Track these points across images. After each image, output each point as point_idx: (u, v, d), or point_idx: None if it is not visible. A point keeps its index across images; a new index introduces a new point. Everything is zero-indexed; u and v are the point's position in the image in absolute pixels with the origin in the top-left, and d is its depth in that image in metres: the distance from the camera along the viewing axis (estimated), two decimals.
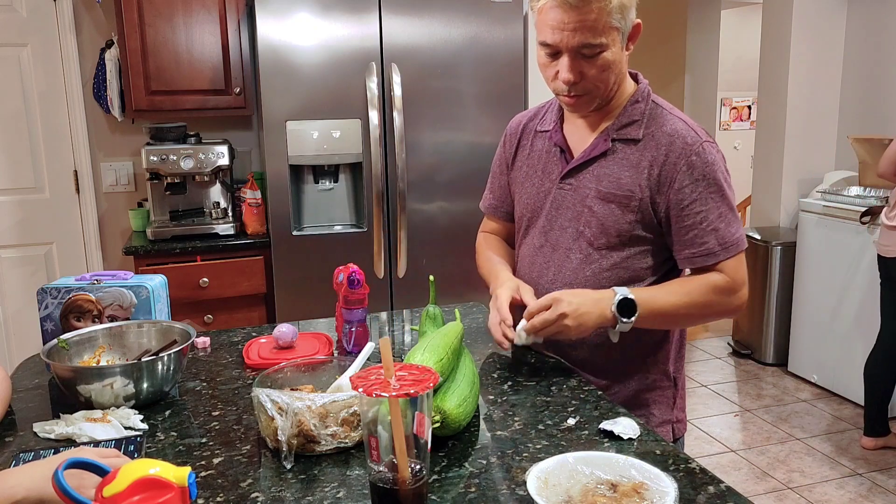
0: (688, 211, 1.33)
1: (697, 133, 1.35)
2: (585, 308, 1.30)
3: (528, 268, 1.50)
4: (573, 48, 1.28)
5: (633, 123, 1.38)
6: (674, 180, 1.32)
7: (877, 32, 4.04)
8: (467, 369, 1.22)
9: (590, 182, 1.39)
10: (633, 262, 1.39)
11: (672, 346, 1.47)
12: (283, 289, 2.98)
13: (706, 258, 1.34)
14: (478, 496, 0.98)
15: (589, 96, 1.34)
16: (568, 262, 1.42)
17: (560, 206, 1.43)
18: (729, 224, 1.33)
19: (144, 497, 0.78)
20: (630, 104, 1.39)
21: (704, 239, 1.33)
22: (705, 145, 1.33)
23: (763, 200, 4.52)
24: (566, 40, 1.27)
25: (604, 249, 1.39)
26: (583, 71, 1.30)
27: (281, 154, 2.89)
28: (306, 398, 1.07)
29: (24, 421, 1.25)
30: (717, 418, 3.65)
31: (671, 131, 1.34)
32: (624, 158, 1.37)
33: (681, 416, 1.51)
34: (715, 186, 1.32)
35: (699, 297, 1.34)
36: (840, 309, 3.75)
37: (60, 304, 1.47)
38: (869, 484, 2.99)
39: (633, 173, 1.35)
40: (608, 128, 1.39)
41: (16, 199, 3.33)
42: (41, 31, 3.24)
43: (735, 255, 1.34)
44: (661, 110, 1.39)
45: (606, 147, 1.38)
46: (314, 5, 2.83)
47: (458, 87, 3.01)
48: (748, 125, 7.10)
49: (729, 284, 1.34)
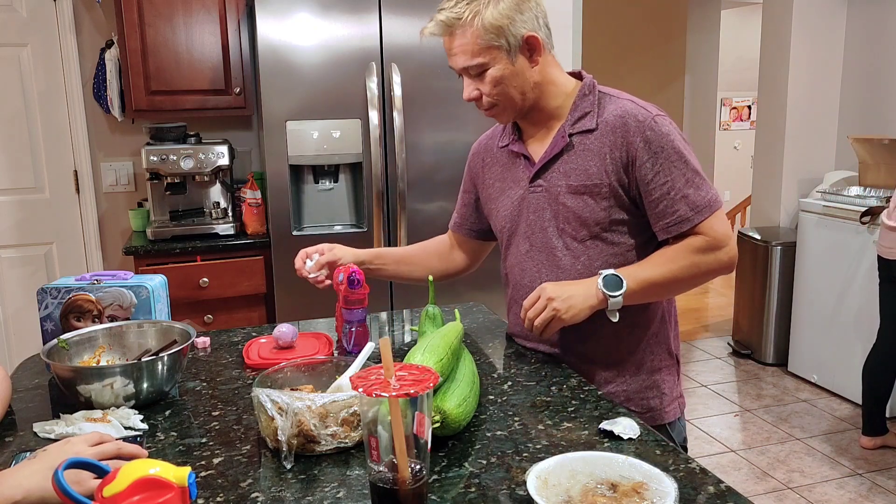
0: (653, 184, 1.37)
1: (647, 109, 1.39)
2: (571, 290, 1.35)
3: (520, 275, 1.54)
4: (461, 69, 1.42)
5: (585, 116, 1.43)
6: (635, 158, 1.37)
7: (877, 32, 4.04)
8: (467, 369, 1.22)
9: (559, 179, 1.44)
10: (621, 246, 1.43)
11: (671, 326, 1.53)
12: (283, 289, 2.98)
13: (681, 225, 1.37)
14: (478, 496, 0.98)
15: (497, 108, 1.44)
16: (557, 261, 1.46)
17: (536, 208, 1.48)
18: (697, 188, 1.37)
19: (144, 497, 0.78)
20: (579, 99, 1.45)
21: (675, 207, 1.36)
22: (657, 118, 1.38)
23: (763, 200, 4.53)
24: (453, 63, 1.42)
25: (588, 240, 1.43)
26: (479, 88, 1.42)
27: (281, 154, 2.89)
28: (306, 398, 1.07)
29: (24, 421, 1.26)
30: (717, 418, 3.65)
31: (622, 113, 1.39)
32: (585, 150, 1.42)
33: (681, 391, 1.57)
34: (676, 155, 1.36)
35: (683, 261, 1.38)
36: (840, 309, 3.75)
37: (60, 304, 1.47)
38: (869, 484, 2.99)
39: (597, 161, 1.40)
40: (563, 125, 1.45)
41: (16, 199, 3.33)
42: (41, 31, 3.25)
43: (709, 216, 1.37)
44: (609, 97, 1.44)
45: (565, 143, 1.44)
46: (314, 5, 2.83)
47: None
48: (748, 125, 7.10)
49: (709, 243, 1.37)
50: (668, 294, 1.48)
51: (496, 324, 1.76)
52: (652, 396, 1.49)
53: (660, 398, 1.50)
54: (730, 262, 1.40)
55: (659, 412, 1.50)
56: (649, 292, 1.39)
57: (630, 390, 1.48)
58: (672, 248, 1.40)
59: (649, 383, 1.50)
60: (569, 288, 1.36)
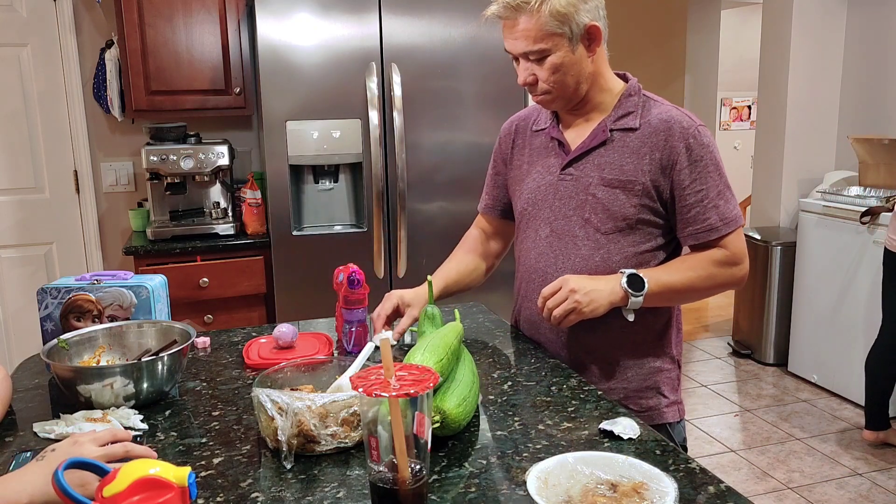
0: (689, 190, 1.40)
1: (692, 118, 1.43)
2: (594, 285, 1.37)
3: (535, 259, 1.55)
4: (520, 54, 1.41)
5: (628, 114, 1.46)
6: (675, 162, 1.40)
7: (877, 32, 4.04)
8: (467, 369, 1.22)
9: (592, 171, 1.46)
10: (640, 246, 1.45)
11: (673, 331, 1.55)
12: (283, 289, 2.98)
13: (709, 233, 1.41)
14: (478, 496, 0.98)
15: (550, 95, 1.44)
16: (576, 250, 1.48)
17: (563, 196, 1.49)
18: (727, 201, 1.42)
19: (144, 497, 0.78)
20: (624, 97, 1.47)
21: (706, 215, 1.40)
22: (700, 129, 1.42)
23: (763, 200, 4.52)
24: (512, 47, 1.42)
25: (611, 234, 1.45)
26: (535, 73, 1.41)
27: (281, 154, 2.89)
28: (306, 398, 1.07)
29: (24, 421, 1.25)
30: (717, 418, 3.65)
31: (667, 118, 1.42)
32: (624, 146, 1.44)
33: (681, 397, 1.59)
34: (713, 166, 1.41)
35: (702, 271, 1.42)
36: (840, 309, 3.75)
37: (60, 304, 1.47)
38: (869, 484, 2.99)
39: (635, 159, 1.42)
40: (605, 119, 1.47)
41: (16, 199, 3.33)
42: (41, 31, 3.24)
43: (734, 230, 1.42)
44: (654, 101, 1.48)
45: (605, 137, 1.46)
46: (314, 5, 2.83)
47: (458, 87, 3.01)
48: (748, 125, 7.10)
49: (729, 258, 1.42)
50: (681, 301, 1.52)
51: (496, 324, 1.76)
52: (650, 396, 1.51)
53: (658, 399, 1.51)
54: (742, 278, 1.45)
55: (657, 412, 1.51)
56: (666, 297, 1.43)
57: (629, 388, 1.49)
58: (693, 257, 1.44)
59: (650, 384, 1.51)
60: (592, 282, 1.37)
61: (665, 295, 1.41)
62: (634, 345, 1.49)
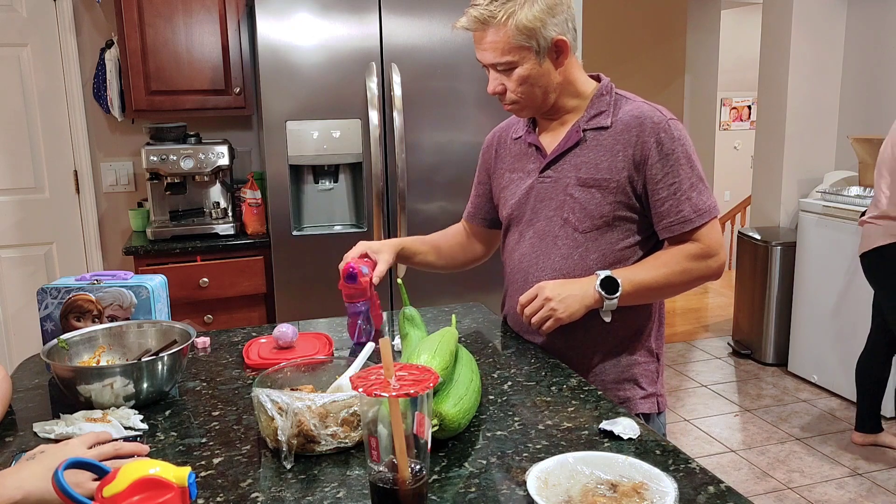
0: (662, 184, 1.43)
1: (662, 113, 1.46)
2: (568, 290, 1.41)
3: (518, 260, 1.59)
4: (488, 65, 1.45)
5: (601, 114, 1.49)
6: (647, 157, 1.43)
7: (877, 32, 4.04)
8: (465, 368, 1.22)
9: (569, 172, 1.50)
10: (618, 243, 1.48)
11: (653, 325, 1.57)
12: (283, 289, 2.98)
13: (683, 225, 1.43)
14: (478, 496, 0.98)
15: (518, 105, 1.49)
16: (556, 249, 1.51)
17: (543, 197, 1.53)
18: (701, 193, 1.44)
19: (144, 497, 0.78)
20: (596, 98, 1.50)
21: (680, 207, 1.43)
22: (671, 122, 1.44)
23: (763, 200, 4.53)
24: (481, 58, 1.46)
25: (589, 232, 1.48)
26: (504, 83, 1.46)
27: (281, 154, 2.89)
28: (306, 398, 1.07)
29: (24, 421, 1.25)
30: (717, 418, 3.65)
31: (638, 113, 1.45)
32: (598, 145, 1.47)
33: (662, 391, 1.61)
34: (685, 159, 1.43)
35: (676, 266, 1.44)
36: (840, 309, 3.75)
37: (60, 304, 1.47)
38: (869, 484, 2.99)
39: (609, 157, 1.46)
40: (578, 121, 1.51)
41: (16, 199, 3.33)
42: (41, 31, 3.25)
43: (709, 221, 1.44)
44: (625, 98, 1.51)
45: (578, 137, 1.49)
46: (314, 5, 2.83)
47: (458, 87, 3.01)
48: (748, 125, 7.11)
49: (703, 250, 1.44)
50: (658, 297, 1.53)
51: (496, 324, 1.76)
52: (627, 388, 1.54)
53: (634, 390, 1.55)
54: (718, 270, 1.47)
55: (632, 403, 1.54)
56: (642, 295, 1.45)
57: (607, 380, 1.53)
58: (667, 252, 1.47)
59: (627, 376, 1.54)
60: (566, 287, 1.42)
61: (641, 293, 1.44)
62: (615, 339, 1.52)
